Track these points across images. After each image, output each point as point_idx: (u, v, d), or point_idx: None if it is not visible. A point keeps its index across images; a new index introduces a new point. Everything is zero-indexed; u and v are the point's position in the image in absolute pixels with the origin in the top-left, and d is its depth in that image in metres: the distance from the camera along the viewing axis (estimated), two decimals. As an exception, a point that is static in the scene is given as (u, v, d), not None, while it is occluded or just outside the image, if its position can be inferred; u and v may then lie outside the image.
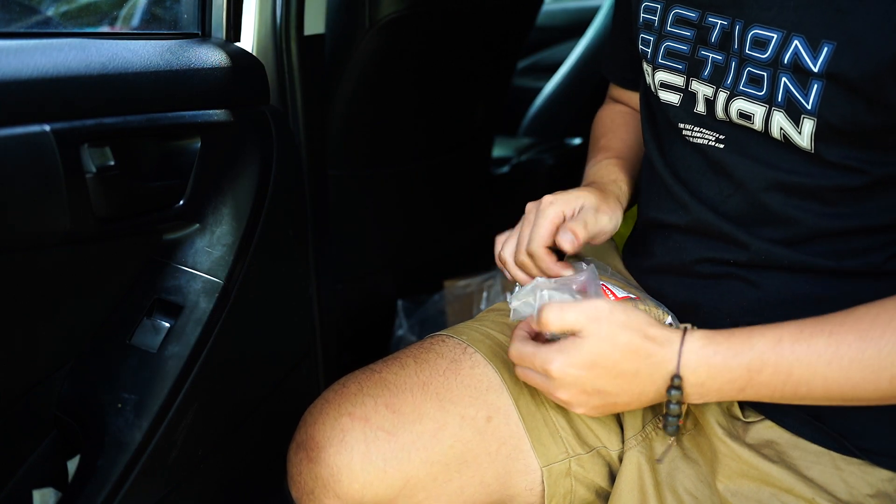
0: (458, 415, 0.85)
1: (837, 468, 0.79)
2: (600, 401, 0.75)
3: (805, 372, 0.70)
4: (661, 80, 0.85)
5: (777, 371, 0.70)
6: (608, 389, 0.74)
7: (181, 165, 0.99)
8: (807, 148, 0.72)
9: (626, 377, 0.74)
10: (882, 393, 0.69)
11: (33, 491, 0.97)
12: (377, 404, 0.84)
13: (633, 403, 0.77)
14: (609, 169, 0.97)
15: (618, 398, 0.75)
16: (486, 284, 1.77)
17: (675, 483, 0.86)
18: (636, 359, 0.73)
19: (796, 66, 0.71)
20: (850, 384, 0.69)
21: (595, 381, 0.74)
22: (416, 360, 0.90)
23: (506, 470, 0.87)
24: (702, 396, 0.74)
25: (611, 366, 0.73)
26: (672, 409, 0.74)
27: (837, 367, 0.69)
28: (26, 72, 0.80)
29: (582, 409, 0.77)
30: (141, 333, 0.98)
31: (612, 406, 0.77)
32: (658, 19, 0.85)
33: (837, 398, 0.71)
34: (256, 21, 1.12)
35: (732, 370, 0.71)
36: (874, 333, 0.68)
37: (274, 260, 1.11)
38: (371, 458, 0.81)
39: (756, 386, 0.71)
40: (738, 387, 0.72)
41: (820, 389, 0.70)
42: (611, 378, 0.74)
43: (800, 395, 0.71)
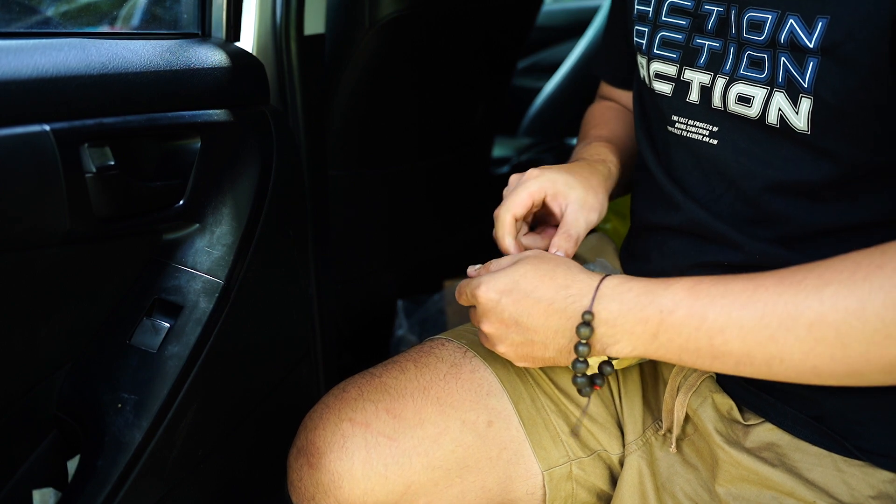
0: (459, 419, 0.85)
1: (839, 470, 0.79)
2: (519, 336, 0.75)
3: (720, 316, 0.66)
4: (655, 71, 0.85)
5: (691, 313, 0.67)
6: (525, 322, 0.74)
7: (181, 165, 0.99)
8: (803, 129, 0.71)
9: (541, 307, 0.73)
10: (802, 347, 0.63)
11: (33, 491, 0.97)
12: (378, 409, 0.84)
13: (550, 345, 0.75)
14: (599, 149, 0.97)
15: (535, 335, 0.74)
16: (486, 284, 1.76)
17: (674, 488, 0.86)
18: (553, 287, 0.74)
19: (793, 44, 0.70)
20: (768, 333, 0.64)
21: (513, 308, 0.74)
22: (416, 364, 0.90)
23: (507, 474, 0.87)
24: (612, 338, 0.71)
25: (529, 290, 0.74)
26: (580, 350, 0.72)
27: (752, 311, 0.65)
28: (26, 71, 0.80)
29: (504, 346, 0.77)
30: (141, 333, 0.98)
31: (530, 345, 0.76)
32: (652, 10, 0.85)
33: (758, 356, 0.66)
34: (256, 21, 1.12)
35: (644, 308, 0.69)
36: (794, 278, 0.65)
37: (274, 260, 1.11)
38: (372, 464, 0.81)
39: (669, 331, 0.68)
40: (650, 331, 0.69)
41: (736, 341, 0.66)
42: (528, 305, 0.74)
43: (716, 349, 0.67)
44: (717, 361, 0.68)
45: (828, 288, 0.63)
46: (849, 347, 0.62)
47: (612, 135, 1.03)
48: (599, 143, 0.99)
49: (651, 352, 0.71)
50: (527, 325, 0.74)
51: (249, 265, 1.04)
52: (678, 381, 0.87)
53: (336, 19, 1.36)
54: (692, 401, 0.85)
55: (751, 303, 0.65)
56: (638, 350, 0.71)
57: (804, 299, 0.63)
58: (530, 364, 0.78)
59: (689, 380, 0.86)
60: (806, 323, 0.63)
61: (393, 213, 1.68)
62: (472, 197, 1.90)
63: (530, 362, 0.78)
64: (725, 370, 0.69)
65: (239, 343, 1.06)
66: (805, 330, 0.63)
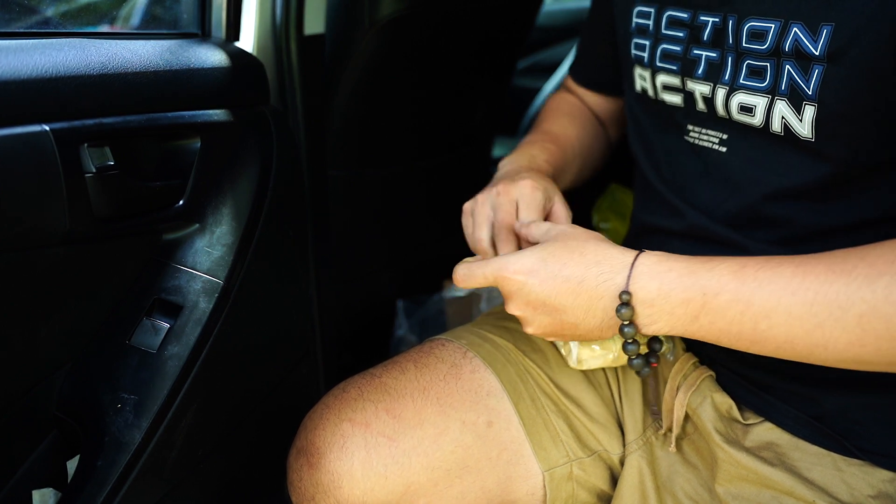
0: (459, 420, 0.85)
1: (838, 469, 0.79)
2: (548, 318, 0.73)
3: (767, 302, 0.64)
4: (663, 83, 0.85)
5: (736, 298, 0.65)
6: (553, 303, 0.72)
7: (181, 165, 0.99)
8: (807, 136, 0.72)
9: (570, 286, 0.71)
10: (849, 338, 0.62)
11: (33, 491, 0.97)
12: (378, 409, 0.84)
13: (581, 325, 0.72)
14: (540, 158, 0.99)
15: (564, 315, 0.72)
16: (487, 285, 1.76)
17: (674, 487, 0.86)
18: (583, 264, 0.71)
19: (798, 52, 0.70)
20: (815, 322, 0.62)
21: (539, 290, 0.72)
22: (416, 364, 0.90)
23: (507, 475, 0.87)
24: (651, 320, 0.69)
25: (557, 269, 0.71)
26: (626, 332, 0.69)
27: (802, 298, 0.63)
28: (26, 71, 0.80)
29: (532, 328, 0.75)
30: (141, 333, 0.98)
31: (559, 325, 0.73)
32: (652, 23, 0.85)
33: (801, 343, 0.64)
34: (256, 21, 1.12)
35: (687, 289, 0.67)
36: (845, 267, 0.63)
37: (274, 260, 1.11)
38: (372, 464, 0.81)
39: (711, 313, 0.66)
40: (691, 312, 0.67)
41: (782, 326, 0.64)
42: (556, 286, 0.71)
43: (759, 334, 0.65)
44: (755, 345, 0.66)
45: (881, 279, 0.61)
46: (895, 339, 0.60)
47: (560, 132, 1.04)
48: (539, 143, 1.01)
49: (689, 333, 0.68)
50: (555, 305, 0.72)
51: (249, 265, 1.04)
52: (678, 381, 0.87)
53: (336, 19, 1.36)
54: (692, 400, 0.85)
55: (801, 290, 0.63)
56: (676, 330, 0.69)
57: (856, 290, 0.61)
58: (561, 340, 0.77)
59: (689, 379, 0.86)
60: (857, 313, 0.61)
61: (393, 213, 1.68)
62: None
63: (560, 339, 0.77)
64: (762, 353, 0.67)
65: (239, 343, 1.06)
66: (854, 320, 0.61)
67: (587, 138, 1.09)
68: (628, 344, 0.72)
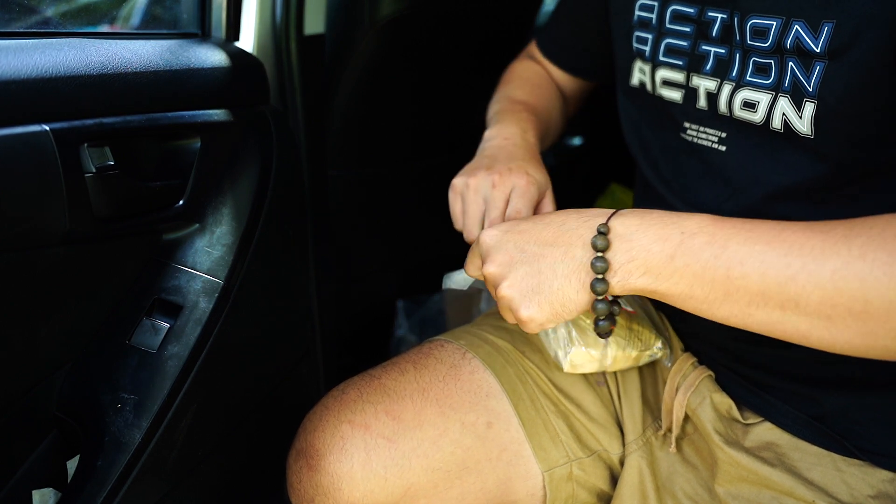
0: (459, 421, 0.85)
1: (838, 469, 0.79)
2: (525, 266, 0.70)
3: (742, 247, 0.62)
4: (663, 78, 0.85)
5: (712, 240, 0.64)
6: (531, 248, 0.70)
7: (181, 165, 0.99)
8: (806, 133, 0.72)
9: (550, 230, 0.70)
10: (822, 294, 0.60)
11: (33, 491, 0.97)
12: (377, 411, 0.84)
13: (559, 269, 0.69)
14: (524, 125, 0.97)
15: (542, 261, 0.69)
16: (487, 285, 1.76)
17: (674, 487, 0.86)
18: (565, 213, 0.71)
19: (799, 49, 0.70)
20: (789, 273, 0.60)
21: (518, 238, 0.71)
22: (415, 365, 0.90)
23: (507, 476, 0.87)
24: (627, 255, 0.66)
25: (539, 218, 0.72)
26: (597, 266, 0.66)
27: (778, 249, 0.61)
28: (26, 71, 0.80)
29: (507, 283, 0.70)
30: (140, 333, 0.98)
31: (536, 275, 0.69)
32: (656, 17, 0.85)
33: (773, 297, 0.62)
34: (256, 21, 1.12)
35: (666, 226, 0.66)
36: (824, 227, 0.62)
37: (274, 260, 1.11)
38: (371, 466, 0.81)
39: (687, 254, 0.64)
40: (668, 251, 0.65)
41: (755, 275, 0.62)
42: (536, 231, 0.70)
43: (731, 283, 0.63)
44: (727, 300, 0.64)
45: (857, 239, 0.60)
46: (870, 304, 0.58)
47: (538, 104, 1.04)
48: (524, 113, 0.99)
49: (663, 277, 0.65)
50: (533, 250, 0.70)
51: (249, 265, 1.04)
52: (677, 381, 0.87)
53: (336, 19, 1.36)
54: (691, 400, 0.85)
55: (777, 240, 0.62)
56: (650, 273, 0.66)
57: (832, 245, 0.60)
58: (535, 309, 0.70)
59: (689, 379, 0.86)
60: (831, 268, 0.59)
61: (393, 212, 1.68)
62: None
63: (535, 304, 0.70)
64: (733, 315, 0.65)
65: (239, 343, 1.06)
66: (828, 274, 0.59)
67: (554, 111, 1.09)
68: (596, 281, 0.67)
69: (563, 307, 0.69)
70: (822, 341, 0.62)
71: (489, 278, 0.72)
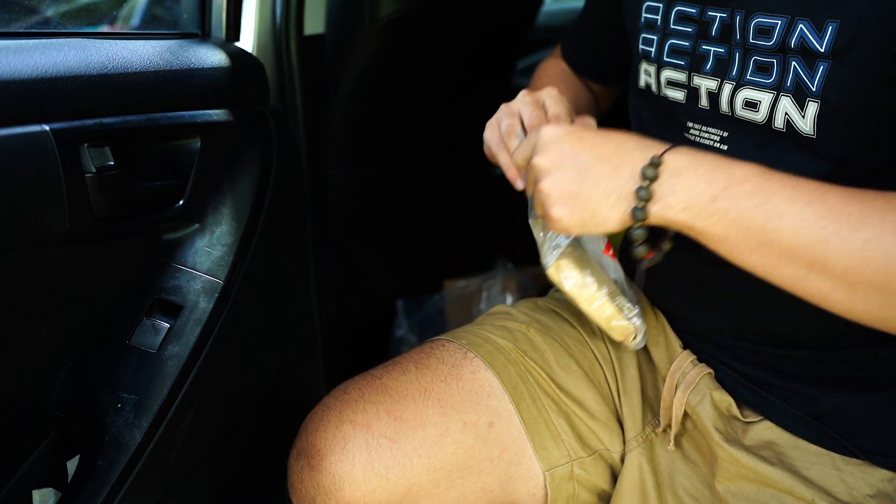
0: (460, 421, 0.85)
1: (837, 468, 0.79)
2: (572, 172, 0.70)
3: (783, 202, 0.64)
4: (667, 78, 0.85)
5: (757, 190, 0.65)
6: (585, 156, 0.71)
7: (181, 165, 0.99)
8: (808, 132, 0.72)
9: (610, 146, 0.71)
10: (849, 261, 0.61)
11: (33, 491, 0.97)
12: (379, 411, 0.84)
13: (602, 183, 0.70)
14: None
15: (590, 170, 0.70)
16: (486, 285, 1.77)
17: (675, 485, 0.86)
18: (625, 135, 0.72)
19: (804, 48, 0.71)
20: (822, 235, 0.62)
21: (577, 143, 0.72)
22: (416, 365, 0.90)
23: (508, 475, 0.87)
24: (672, 188, 0.67)
25: (605, 132, 0.72)
26: (641, 194, 0.68)
27: (817, 209, 0.63)
28: (26, 72, 0.80)
29: (549, 180, 0.71)
30: (141, 333, 0.98)
31: (579, 181, 0.70)
32: (661, 18, 0.85)
33: (802, 255, 0.63)
34: (256, 21, 1.12)
35: (716, 169, 0.67)
36: (865, 196, 0.63)
37: (274, 260, 1.11)
38: (373, 466, 0.81)
39: (730, 199, 0.65)
40: (712, 192, 0.66)
41: (789, 230, 0.63)
42: (597, 142, 0.71)
43: (766, 235, 0.64)
44: (758, 250, 0.65)
45: (893, 214, 0.61)
46: (892, 277, 0.60)
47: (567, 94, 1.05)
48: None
49: (702, 217, 0.67)
50: (585, 159, 0.70)
51: (249, 265, 1.04)
52: (676, 378, 0.87)
53: (336, 19, 1.36)
54: (691, 398, 0.85)
55: (818, 201, 0.63)
56: (690, 210, 0.67)
57: (868, 216, 0.62)
58: (566, 211, 0.71)
59: (688, 377, 0.86)
60: (862, 238, 0.61)
61: (393, 213, 1.68)
62: (472, 197, 1.90)
63: (568, 208, 0.71)
64: (760, 266, 0.66)
65: (239, 343, 1.06)
66: (859, 244, 0.61)
67: (585, 104, 1.09)
68: (637, 210, 0.68)
69: (593, 219, 0.71)
70: (840, 305, 0.64)
71: (534, 168, 0.73)
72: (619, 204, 0.69)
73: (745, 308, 0.82)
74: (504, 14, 1.68)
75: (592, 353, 0.94)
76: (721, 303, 0.84)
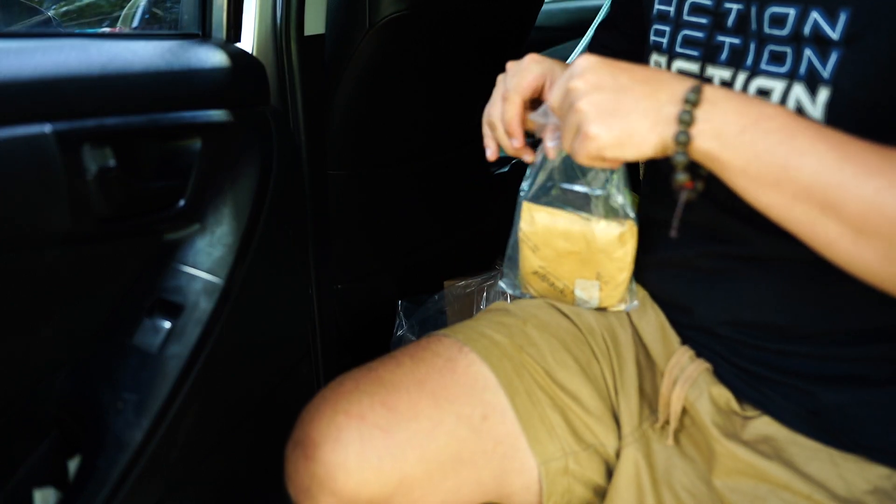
0: (454, 413, 0.86)
1: (835, 464, 0.79)
2: (610, 93, 0.70)
3: (807, 141, 0.65)
4: (678, 69, 0.85)
5: (783, 127, 0.66)
6: (623, 78, 0.70)
7: (182, 166, 0.99)
8: (819, 119, 0.72)
9: (647, 72, 0.71)
10: (861, 207, 0.63)
11: (34, 491, 0.97)
12: (373, 402, 0.84)
13: (641, 105, 0.70)
14: None
15: (627, 93, 0.70)
16: (486, 284, 1.77)
17: (672, 480, 0.87)
18: (660, 70, 0.73)
19: (817, 36, 0.71)
20: (839, 178, 0.64)
21: (615, 68, 0.71)
22: (412, 358, 0.90)
23: (502, 469, 0.87)
24: (706, 115, 0.68)
25: (635, 65, 0.72)
26: (683, 117, 0.68)
27: (838, 153, 0.64)
28: (27, 72, 0.80)
29: (586, 99, 0.71)
30: (141, 333, 0.98)
31: (616, 101, 0.70)
32: (674, 9, 0.86)
33: (818, 195, 0.65)
34: (256, 21, 1.12)
35: (749, 104, 0.68)
36: (885, 150, 0.65)
37: (274, 260, 1.11)
38: (366, 456, 0.82)
39: (758, 132, 0.66)
40: (742, 123, 0.67)
41: (808, 169, 0.65)
42: (633, 69, 0.71)
43: (785, 173, 0.66)
44: (775, 188, 0.66)
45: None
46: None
47: None
48: None
49: (729, 148, 0.67)
50: (623, 81, 0.70)
51: (250, 265, 1.04)
52: (675, 374, 0.87)
53: (336, 19, 1.36)
54: (689, 393, 0.86)
55: (840, 145, 0.65)
56: (719, 139, 0.68)
57: (886, 165, 0.63)
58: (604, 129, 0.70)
59: (686, 372, 0.86)
60: (875, 185, 0.62)
61: (393, 212, 1.68)
62: (472, 197, 1.90)
63: (606, 125, 0.70)
64: (774, 204, 0.67)
65: (239, 343, 1.06)
66: (872, 191, 0.62)
67: None
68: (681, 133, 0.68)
69: (630, 138, 0.70)
70: (845, 253, 0.65)
71: (571, 92, 0.72)
72: (656, 126, 0.69)
73: (747, 300, 0.83)
74: (504, 14, 1.68)
75: (590, 349, 0.94)
76: (723, 294, 0.85)
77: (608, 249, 0.89)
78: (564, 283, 0.96)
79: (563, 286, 0.96)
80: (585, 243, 0.89)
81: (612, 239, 0.88)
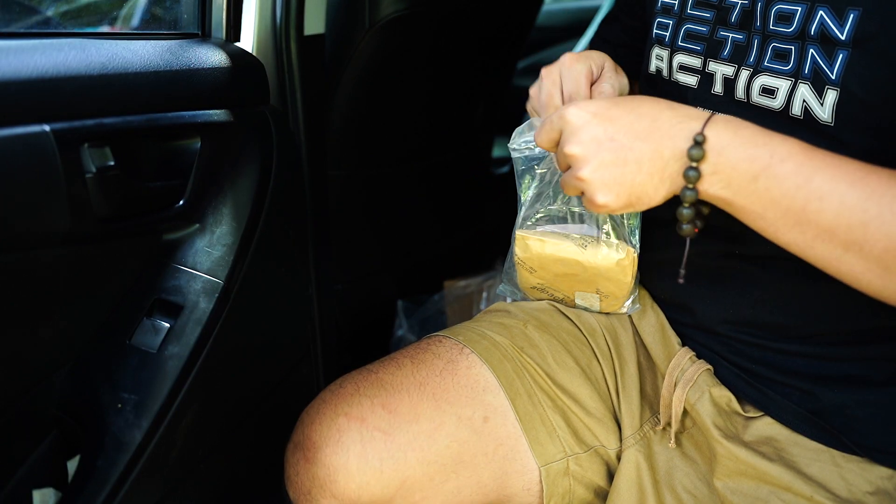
0: (455, 415, 0.86)
1: (837, 465, 0.79)
2: (611, 155, 0.68)
3: (826, 183, 0.63)
4: (679, 63, 0.85)
5: (799, 169, 0.64)
6: (621, 138, 0.68)
7: (181, 165, 0.99)
8: (826, 120, 0.72)
9: (644, 123, 0.68)
10: (886, 244, 0.61)
11: (33, 491, 0.97)
12: (374, 404, 0.84)
13: (645, 167, 0.68)
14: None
15: (630, 153, 0.68)
16: (486, 284, 1.77)
17: (673, 482, 0.87)
18: (658, 107, 0.70)
19: (823, 36, 0.71)
20: (862, 218, 0.62)
21: (609, 125, 0.69)
22: (412, 360, 0.90)
23: (503, 470, 0.87)
24: (714, 167, 0.66)
25: (631, 107, 0.70)
26: (690, 175, 0.67)
27: (859, 192, 0.62)
28: (26, 72, 0.80)
29: (589, 168, 0.69)
30: (141, 333, 0.98)
31: (621, 165, 0.68)
32: (678, 3, 0.86)
33: (841, 236, 0.63)
34: (256, 21, 1.12)
35: (758, 146, 0.66)
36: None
37: (274, 260, 1.11)
38: (367, 459, 0.82)
39: (771, 179, 0.64)
40: (753, 171, 0.65)
41: (830, 213, 0.63)
42: (628, 121, 0.69)
43: (805, 216, 0.64)
44: (795, 229, 0.65)
45: None
46: None
47: None
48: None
49: (742, 195, 0.66)
50: (622, 142, 0.68)
51: (249, 265, 1.04)
52: (675, 376, 0.87)
53: (336, 19, 1.36)
54: (690, 395, 0.86)
55: (860, 183, 0.63)
56: (731, 188, 0.66)
57: None
58: (612, 197, 0.69)
59: (687, 373, 0.86)
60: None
61: (393, 212, 1.68)
62: (472, 197, 1.90)
63: (614, 194, 0.69)
64: (795, 243, 0.66)
65: (239, 343, 1.06)
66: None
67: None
68: (687, 189, 0.68)
69: (639, 200, 0.70)
70: (872, 286, 0.65)
71: (570, 157, 0.71)
72: (663, 184, 0.69)
73: (750, 300, 0.82)
74: (504, 14, 1.68)
75: (591, 351, 0.94)
76: (726, 293, 0.84)
77: (607, 275, 0.89)
78: (564, 294, 0.96)
79: (564, 296, 0.96)
80: (582, 269, 0.89)
81: (610, 266, 0.88)
